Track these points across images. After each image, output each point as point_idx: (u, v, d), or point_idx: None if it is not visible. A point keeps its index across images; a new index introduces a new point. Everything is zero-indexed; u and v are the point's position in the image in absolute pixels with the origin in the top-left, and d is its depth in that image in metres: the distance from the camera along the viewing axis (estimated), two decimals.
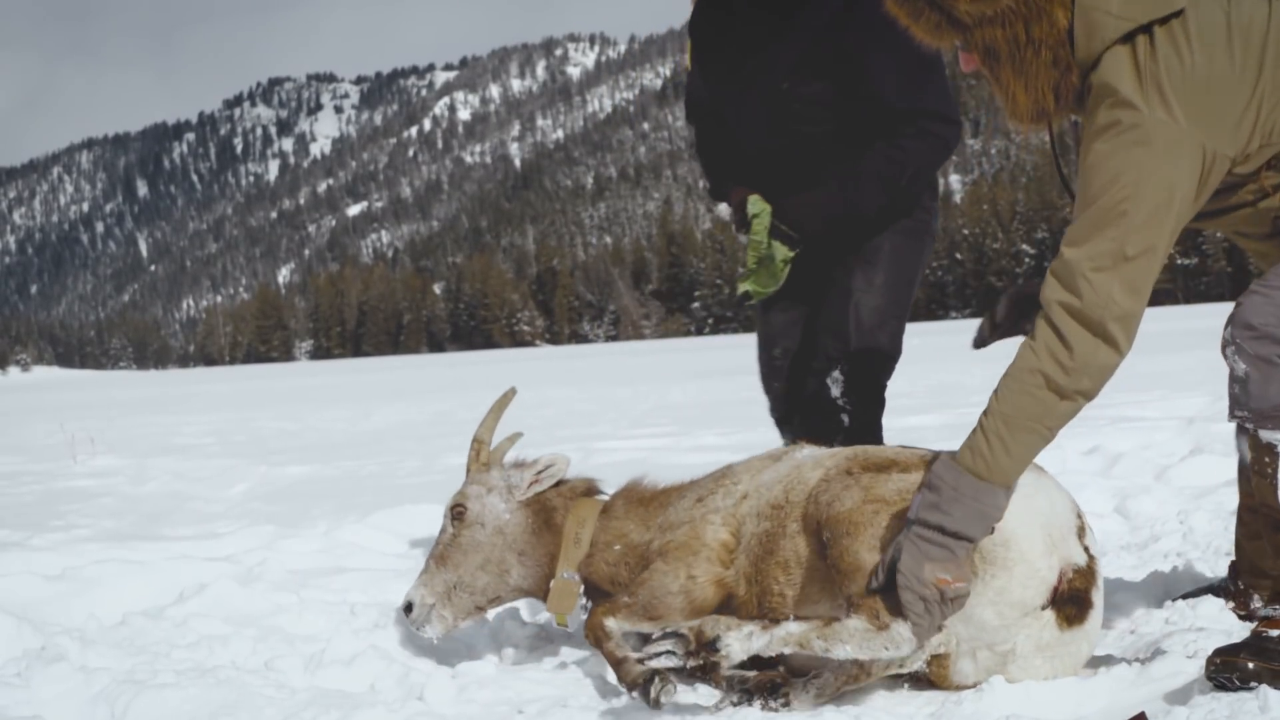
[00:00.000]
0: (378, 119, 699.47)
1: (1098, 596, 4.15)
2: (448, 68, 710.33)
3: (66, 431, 18.77)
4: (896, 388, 6.24)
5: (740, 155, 6.07)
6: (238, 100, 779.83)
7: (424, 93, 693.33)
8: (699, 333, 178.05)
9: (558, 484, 5.28)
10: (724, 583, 4.63)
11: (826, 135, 5.77)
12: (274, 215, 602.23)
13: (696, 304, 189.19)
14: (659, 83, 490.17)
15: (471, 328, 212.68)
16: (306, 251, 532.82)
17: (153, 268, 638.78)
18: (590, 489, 5.34)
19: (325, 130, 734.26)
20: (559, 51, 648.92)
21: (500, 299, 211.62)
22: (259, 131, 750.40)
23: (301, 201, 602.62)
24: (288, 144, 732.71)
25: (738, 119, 5.95)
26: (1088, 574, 4.10)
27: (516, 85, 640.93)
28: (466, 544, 5.11)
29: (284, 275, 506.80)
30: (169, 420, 26.91)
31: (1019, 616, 4.02)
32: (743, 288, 5.91)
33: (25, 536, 8.46)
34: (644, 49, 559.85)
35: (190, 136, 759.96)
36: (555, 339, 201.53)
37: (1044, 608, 4.03)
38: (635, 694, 4.31)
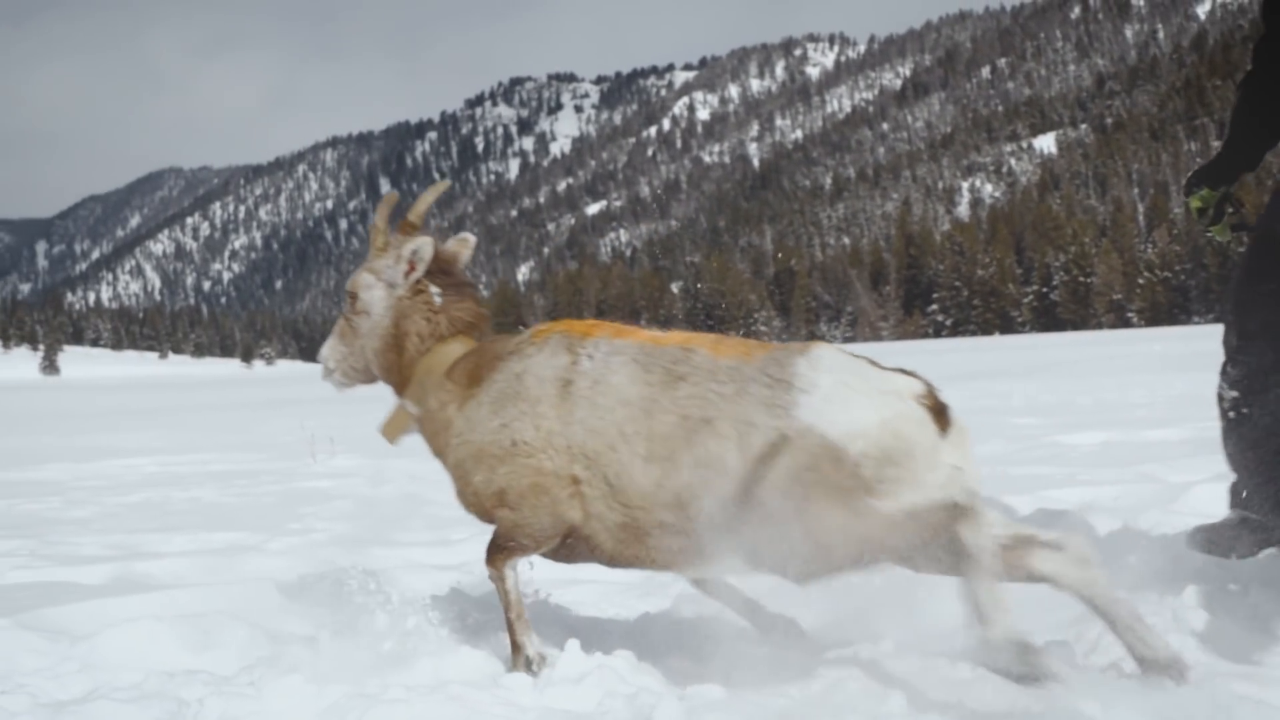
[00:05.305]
0: (617, 119, 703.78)
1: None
2: (687, 68, 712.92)
3: (306, 429, 19.09)
4: (1133, 397, 5.96)
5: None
6: (479, 100, 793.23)
7: (663, 93, 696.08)
8: (937, 335, 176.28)
9: (454, 299, 5.25)
10: None
11: None
12: (514, 214, 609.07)
13: (934, 306, 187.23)
14: (898, 83, 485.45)
15: (709, 327, 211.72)
16: (545, 250, 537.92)
17: None
18: (472, 323, 5.29)
19: (565, 130, 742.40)
20: (798, 51, 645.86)
21: (738, 299, 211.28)
22: (500, 131, 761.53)
23: (541, 200, 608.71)
24: (528, 143, 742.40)
25: None
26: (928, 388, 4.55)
27: (755, 85, 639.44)
28: (355, 326, 5.29)
29: (523, 273, 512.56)
30: None
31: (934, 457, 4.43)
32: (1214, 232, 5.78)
33: (263, 540, 8.61)
34: (884, 49, 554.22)
35: (432, 135, 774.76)
36: (792, 339, 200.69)
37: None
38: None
